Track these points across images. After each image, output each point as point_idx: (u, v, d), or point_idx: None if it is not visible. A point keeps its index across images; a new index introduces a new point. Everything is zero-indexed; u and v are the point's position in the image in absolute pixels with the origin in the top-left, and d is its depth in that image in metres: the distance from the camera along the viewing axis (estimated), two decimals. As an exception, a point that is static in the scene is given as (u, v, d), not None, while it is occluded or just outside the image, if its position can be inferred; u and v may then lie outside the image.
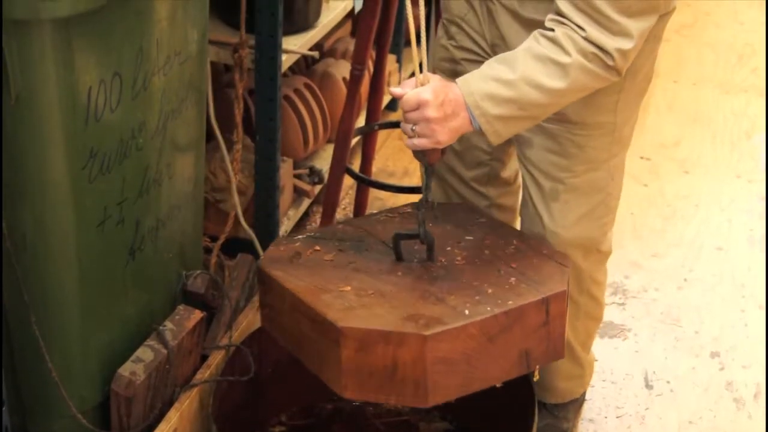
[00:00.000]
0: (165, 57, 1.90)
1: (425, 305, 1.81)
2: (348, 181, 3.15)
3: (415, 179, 3.43)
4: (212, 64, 2.32)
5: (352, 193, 3.22)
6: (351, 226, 2.12)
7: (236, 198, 2.51)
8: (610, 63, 1.79)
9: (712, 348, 2.86)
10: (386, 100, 3.19)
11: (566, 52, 1.79)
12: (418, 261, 1.96)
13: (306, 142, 3.05)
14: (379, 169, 3.42)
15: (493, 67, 1.86)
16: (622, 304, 2.99)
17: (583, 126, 2.03)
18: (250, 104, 2.80)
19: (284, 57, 2.58)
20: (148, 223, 1.99)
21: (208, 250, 2.40)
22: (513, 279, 1.88)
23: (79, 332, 1.90)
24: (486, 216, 2.16)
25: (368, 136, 3.00)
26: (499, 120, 1.85)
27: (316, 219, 3.17)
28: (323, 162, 3.11)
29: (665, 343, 2.86)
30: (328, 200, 2.80)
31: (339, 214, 3.17)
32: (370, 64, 3.00)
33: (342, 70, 3.22)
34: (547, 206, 2.11)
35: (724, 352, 2.84)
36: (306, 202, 3.07)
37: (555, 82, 1.80)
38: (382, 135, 3.54)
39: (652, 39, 1.99)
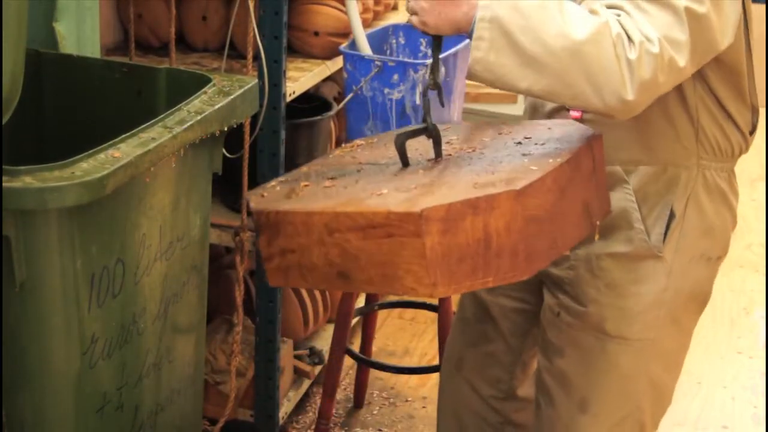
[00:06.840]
0: (167, 243, 1.92)
1: (485, 177, 1.60)
2: (348, 362, 3.14)
3: (416, 358, 3.42)
4: (213, 245, 2.34)
5: (353, 373, 3.20)
6: (317, 165, 1.90)
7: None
8: (631, 55, 1.61)
9: None
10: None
11: (599, 15, 1.65)
12: (426, 160, 1.75)
13: (306, 322, 3.05)
14: (379, 348, 3.41)
15: None
16: (628, 485, 2.94)
17: (620, 341, 1.99)
18: (251, 286, 2.82)
19: (285, 239, 2.60)
20: (147, 407, 1.98)
21: (207, 434, 2.38)
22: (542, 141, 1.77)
23: None
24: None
25: (368, 316, 3.02)
26: (496, 27, 1.64)
27: (317, 400, 3.14)
28: (323, 342, 3.11)
29: None
30: (329, 381, 2.79)
31: (339, 395, 3.15)
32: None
33: (342, 250, 3.25)
34: (573, 419, 2.05)
35: None
36: (306, 383, 3.05)
37: (575, 27, 1.62)
38: (381, 314, 3.55)
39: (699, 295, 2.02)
